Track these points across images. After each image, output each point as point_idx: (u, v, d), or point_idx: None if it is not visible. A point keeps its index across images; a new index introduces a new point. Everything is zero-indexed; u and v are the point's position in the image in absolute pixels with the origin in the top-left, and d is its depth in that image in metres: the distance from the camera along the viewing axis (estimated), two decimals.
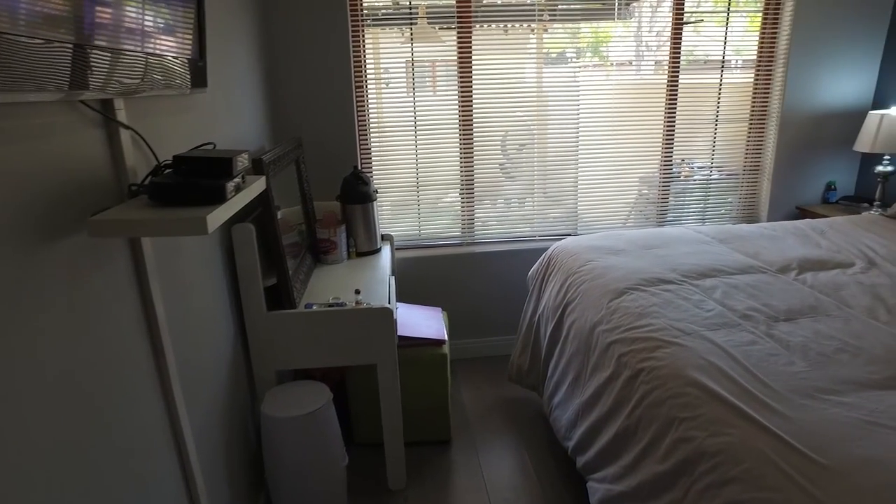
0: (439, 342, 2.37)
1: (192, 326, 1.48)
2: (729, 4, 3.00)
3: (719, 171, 3.27)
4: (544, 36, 2.89)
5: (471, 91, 2.85)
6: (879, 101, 3.18)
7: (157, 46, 1.14)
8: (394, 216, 3.00)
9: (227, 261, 1.84)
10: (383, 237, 2.75)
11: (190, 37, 1.38)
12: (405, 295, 3.01)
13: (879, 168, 2.98)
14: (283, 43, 2.63)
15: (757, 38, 3.08)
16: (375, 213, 2.59)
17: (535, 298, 2.53)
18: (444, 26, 2.80)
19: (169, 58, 1.23)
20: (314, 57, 2.66)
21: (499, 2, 2.80)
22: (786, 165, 3.24)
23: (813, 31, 3.02)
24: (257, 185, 1.28)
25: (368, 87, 2.79)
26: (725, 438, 1.16)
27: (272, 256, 1.95)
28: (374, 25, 2.74)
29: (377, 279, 2.29)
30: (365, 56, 2.76)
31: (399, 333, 2.28)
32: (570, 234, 3.12)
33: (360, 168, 2.80)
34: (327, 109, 2.74)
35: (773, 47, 3.09)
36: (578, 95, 2.91)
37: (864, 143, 2.97)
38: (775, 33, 3.07)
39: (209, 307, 1.63)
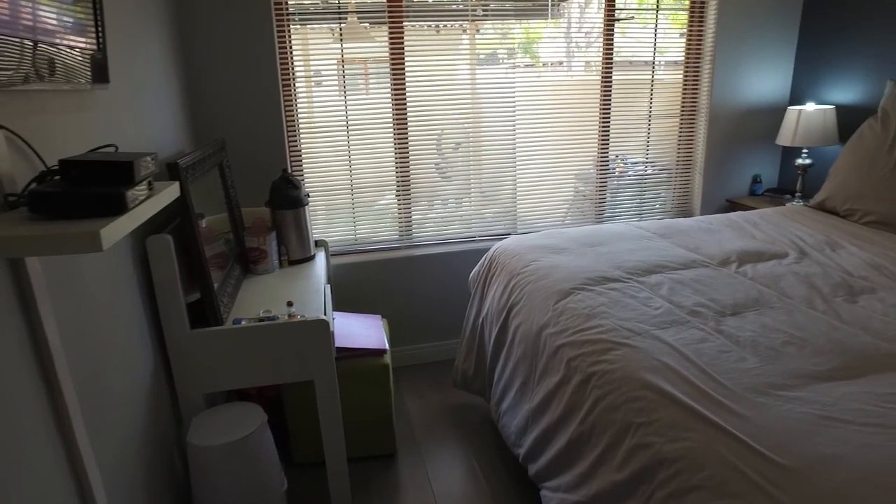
0: (380, 352, 2.26)
1: (100, 354, 1.31)
2: (658, 3, 3.03)
3: (653, 166, 3.31)
4: (477, 35, 2.83)
5: (404, 90, 2.75)
6: (795, 98, 3.31)
7: (40, 31, 0.98)
8: (328, 221, 2.86)
9: (143, 276, 1.67)
10: (317, 243, 2.60)
11: (88, 25, 1.22)
12: (343, 303, 2.87)
13: (799, 161, 3.09)
14: (202, 39, 2.44)
15: (684, 37, 3.13)
16: (308, 218, 2.45)
17: (477, 301, 2.45)
18: (376, 23, 2.69)
19: (60, 47, 1.07)
20: (237, 55, 2.49)
21: (430, 0, 2.72)
22: (715, 160, 3.31)
23: (734, 30, 3.11)
24: (169, 192, 1.14)
25: (297, 86, 2.64)
26: (684, 443, 1.12)
27: (194, 269, 1.78)
28: (301, 22, 2.60)
29: (311, 288, 2.15)
30: (292, 54, 2.60)
31: (337, 345, 2.15)
32: (510, 234, 3.07)
33: (290, 171, 2.65)
34: (253, 110, 2.57)
35: (700, 46, 3.15)
36: (514, 94, 2.87)
37: (785, 138, 3.08)
38: (701, 32, 3.13)
39: (122, 329, 1.46)
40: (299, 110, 2.67)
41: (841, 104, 3.04)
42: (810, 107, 2.98)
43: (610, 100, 3.06)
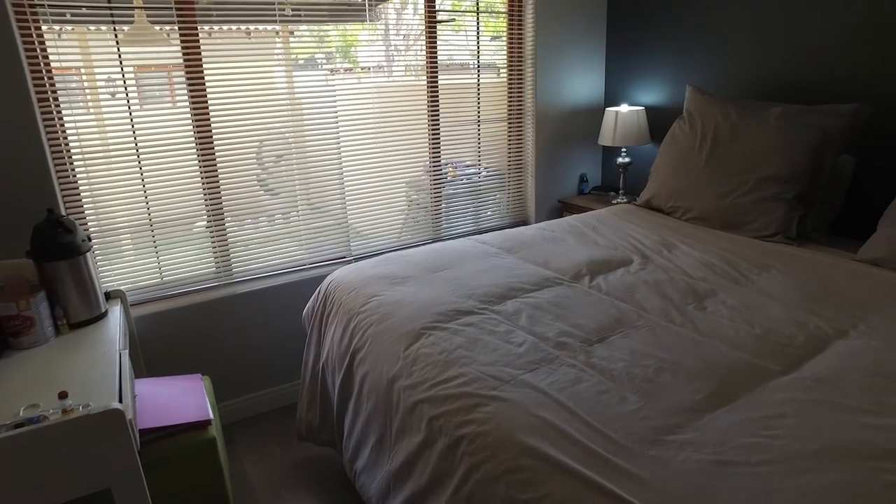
0: (202, 423, 1.85)
1: None
2: (478, 6, 2.94)
3: (486, 170, 3.24)
4: (291, 39, 2.51)
5: (206, 101, 2.33)
6: (610, 100, 3.44)
7: None
8: (122, 266, 2.34)
9: None
10: (109, 296, 2.09)
11: None
12: (152, 365, 2.37)
13: (619, 160, 3.21)
14: None
15: (505, 41, 3.08)
16: (92, 267, 1.94)
17: (315, 343, 2.14)
18: (162, 24, 2.24)
19: None
20: None
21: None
22: (545, 162, 3.33)
23: (551, 33, 3.13)
24: None
25: (60, 102, 2.10)
26: None
27: None
28: (56, 18, 2.05)
29: (102, 360, 1.68)
30: (47, 60, 2.06)
31: (144, 426, 1.72)
32: (344, 258, 2.79)
33: (59, 211, 2.10)
34: None
35: (521, 48, 3.13)
36: (335, 100, 2.59)
37: (605, 138, 3.17)
38: (521, 36, 3.10)
39: None
40: (68, 133, 2.13)
41: (650, 105, 3.21)
42: (624, 108, 3.10)
43: (438, 104, 2.90)
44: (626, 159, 3.20)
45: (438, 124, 2.94)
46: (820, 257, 2.02)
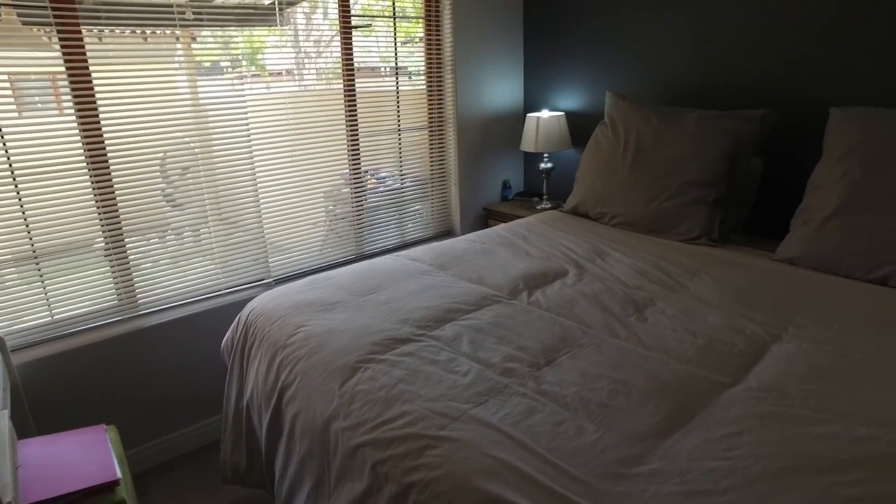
0: (109, 485, 1.62)
1: None
2: (394, 11, 2.83)
3: (409, 179, 3.13)
4: (194, 44, 2.29)
5: (96, 112, 2.07)
6: (529, 105, 3.44)
7: None
8: (2, 305, 2.04)
9: None
10: None
11: None
12: (43, 420, 2.08)
13: (542, 165, 3.20)
14: None
15: (424, 46, 3.00)
16: None
17: (237, 378, 1.96)
18: (37, 25, 1.97)
19: None
20: None
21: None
22: (468, 169, 3.27)
23: (469, 39, 3.07)
24: None
25: None
26: None
27: None
28: None
29: None
30: None
31: (33, 500, 1.48)
32: (263, 280, 2.59)
33: None
34: None
35: (440, 54, 3.05)
36: (245, 108, 2.40)
37: (528, 144, 3.16)
38: (440, 41, 3.03)
39: None
40: None
41: (570, 111, 3.22)
42: (545, 114, 3.09)
43: (355, 111, 2.77)
44: (549, 164, 3.19)
45: (357, 132, 2.80)
46: (742, 258, 2.07)
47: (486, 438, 1.13)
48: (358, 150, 2.83)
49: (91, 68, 2.04)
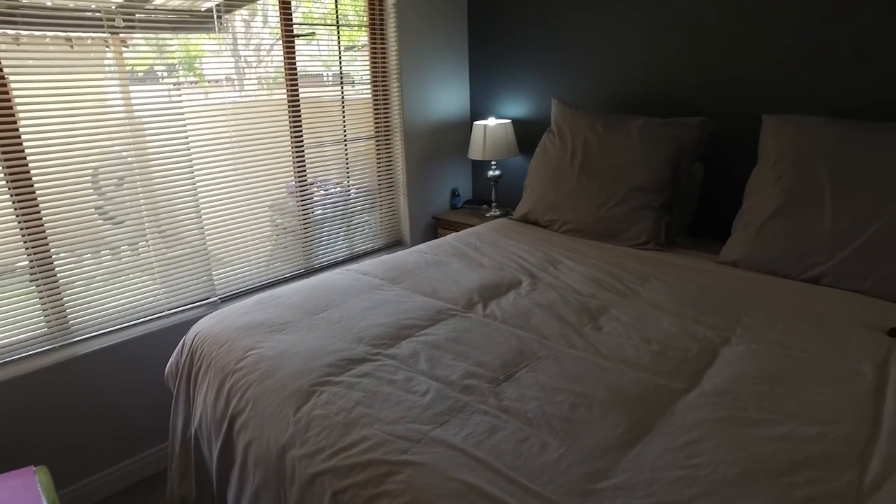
0: None
1: None
2: (337, 20, 2.77)
3: (357, 190, 3.08)
4: (125, 50, 2.17)
5: (14, 122, 1.93)
6: (476, 113, 3.44)
7: None
8: None
9: None
10: None
11: None
12: None
13: (490, 173, 3.21)
14: None
15: (368, 55, 2.95)
16: None
17: (183, 405, 1.86)
18: None
19: None
20: None
21: (48, 3, 1.96)
22: (416, 178, 3.24)
23: (414, 46, 3.05)
24: None
25: None
26: None
27: None
28: None
29: None
30: None
31: None
32: (208, 299, 2.48)
33: None
34: None
35: (385, 62, 3.01)
36: (183, 116, 2.29)
37: (475, 152, 3.16)
38: (385, 49, 2.99)
39: None
40: None
41: (516, 118, 3.25)
42: (492, 121, 3.10)
43: (300, 121, 2.69)
44: (497, 172, 3.21)
45: (302, 142, 2.73)
46: (689, 262, 2.12)
47: (449, 461, 1.10)
48: (303, 159, 2.75)
49: (8, 76, 1.90)
